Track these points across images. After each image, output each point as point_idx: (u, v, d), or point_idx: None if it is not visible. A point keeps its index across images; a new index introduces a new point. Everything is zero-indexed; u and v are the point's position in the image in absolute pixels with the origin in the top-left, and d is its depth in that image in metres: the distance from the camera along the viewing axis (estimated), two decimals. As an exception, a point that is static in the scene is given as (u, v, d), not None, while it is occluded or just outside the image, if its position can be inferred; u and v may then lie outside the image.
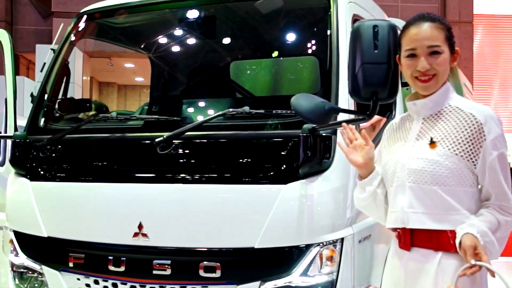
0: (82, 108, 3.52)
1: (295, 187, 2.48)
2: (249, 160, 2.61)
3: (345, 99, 2.58)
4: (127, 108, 15.75)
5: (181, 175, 2.68)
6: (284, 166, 2.51)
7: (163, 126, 2.88)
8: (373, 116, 2.21)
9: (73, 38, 3.50)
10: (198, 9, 3.41)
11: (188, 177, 2.67)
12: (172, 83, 4.54)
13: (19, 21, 12.74)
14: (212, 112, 3.27)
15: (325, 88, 2.66)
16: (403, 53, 2.05)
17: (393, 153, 2.11)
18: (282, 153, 2.52)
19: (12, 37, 3.91)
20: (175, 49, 4.25)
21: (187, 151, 2.70)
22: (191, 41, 3.96)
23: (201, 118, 2.97)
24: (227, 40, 3.98)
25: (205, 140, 2.72)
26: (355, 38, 2.17)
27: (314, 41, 3.51)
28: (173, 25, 3.76)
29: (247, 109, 2.69)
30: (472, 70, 11.95)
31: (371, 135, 2.58)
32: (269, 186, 2.51)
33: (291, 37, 3.71)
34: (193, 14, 3.48)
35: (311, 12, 3.39)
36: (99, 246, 2.80)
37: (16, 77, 3.66)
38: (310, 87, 3.58)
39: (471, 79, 10.78)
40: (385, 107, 2.97)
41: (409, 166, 2.00)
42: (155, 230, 2.66)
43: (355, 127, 2.24)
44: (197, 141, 2.72)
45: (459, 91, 4.58)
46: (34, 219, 2.98)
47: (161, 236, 2.66)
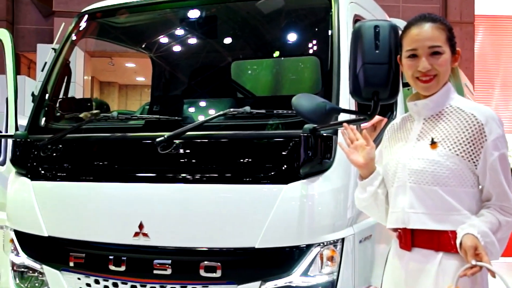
0: (83, 108, 3.51)
1: (296, 187, 2.48)
2: (250, 160, 2.61)
3: (346, 99, 2.57)
4: (128, 108, 15.72)
5: (181, 175, 2.68)
6: (285, 166, 2.51)
7: (164, 125, 2.88)
8: (374, 117, 2.21)
9: (74, 37, 3.51)
10: (199, 9, 3.41)
11: (189, 177, 2.67)
12: (173, 82, 4.54)
13: (20, 21, 12.76)
14: (213, 112, 3.27)
15: (326, 88, 2.66)
16: (404, 53, 2.05)
17: (394, 153, 2.11)
18: (283, 153, 2.52)
19: (13, 36, 3.91)
20: (176, 49, 4.26)
21: (188, 151, 2.69)
22: (192, 41, 3.96)
23: (202, 118, 2.96)
24: (228, 40, 3.98)
25: (206, 140, 2.72)
26: (356, 38, 2.17)
27: (315, 41, 3.51)
28: (174, 25, 3.76)
29: (248, 109, 2.69)
30: (473, 71, 11.95)
31: (372, 135, 2.58)
32: (270, 186, 2.51)
33: (292, 37, 3.71)
34: (194, 14, 3.48)
35: (312, 12, 3.39)
36: (99, 245, 2.80)
37: (17, 76, 3.67)
38: (311, 87, 3.58)
39: (472, 79, 10.79)
40: (386, 107, 2.97)
41: (410, 167, 2.00)
42: (155, 230, 2.66)
43: (356, 127, 2.24)
44: (198, 141, 2.71)
45: (460, 92, 4.58)
46: (34, 219, 2.98)
47: (162, 235, 2.66)
